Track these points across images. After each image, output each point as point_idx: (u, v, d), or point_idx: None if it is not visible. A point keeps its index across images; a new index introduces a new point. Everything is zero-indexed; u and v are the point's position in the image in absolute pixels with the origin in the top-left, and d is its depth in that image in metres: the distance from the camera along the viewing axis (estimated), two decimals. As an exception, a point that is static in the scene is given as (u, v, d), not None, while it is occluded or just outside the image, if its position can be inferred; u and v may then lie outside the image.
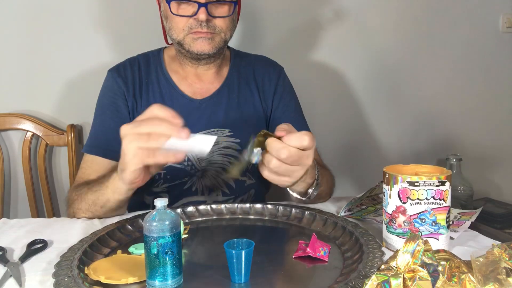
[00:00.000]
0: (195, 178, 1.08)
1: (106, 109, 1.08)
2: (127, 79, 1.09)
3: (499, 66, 1.80)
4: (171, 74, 1.11)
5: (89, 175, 1.02)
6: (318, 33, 1.63)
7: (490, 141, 1.83)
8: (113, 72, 1.10)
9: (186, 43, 1.01)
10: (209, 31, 0.98)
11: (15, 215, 1.46)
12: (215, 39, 1.01)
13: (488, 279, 0.51)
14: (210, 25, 0.98)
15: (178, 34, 1.00)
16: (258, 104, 1.14)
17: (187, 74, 1.11)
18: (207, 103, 1.10)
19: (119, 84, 1.08)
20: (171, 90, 1.09)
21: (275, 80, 1.17)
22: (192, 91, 1.10)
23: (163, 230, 0.59)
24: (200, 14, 0.96)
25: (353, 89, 1.68)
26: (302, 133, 0.74)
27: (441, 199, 0.71)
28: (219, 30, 1.00)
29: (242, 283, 0.64)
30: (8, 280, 0.67)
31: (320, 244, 0.74)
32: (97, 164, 1.03)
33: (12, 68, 1.42)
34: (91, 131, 1.09)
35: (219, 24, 1.00)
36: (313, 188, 0.90)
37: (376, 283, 0.50)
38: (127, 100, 1.07)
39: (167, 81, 1.10)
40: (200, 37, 0.99)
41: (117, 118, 1.06)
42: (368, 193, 0.90)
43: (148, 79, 1.10)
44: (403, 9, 1.68)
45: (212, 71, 1.12)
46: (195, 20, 0.97)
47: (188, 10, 0.98)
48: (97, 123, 1.09)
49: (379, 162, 1.66)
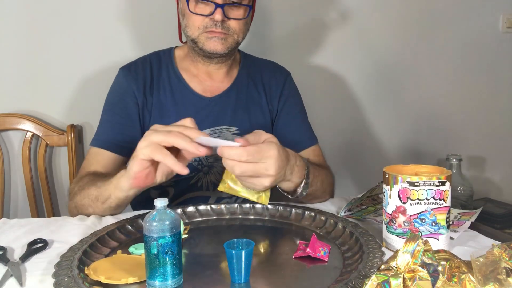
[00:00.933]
0: (201, 174, 1.10)
1: (114, 106, 1.10)
2: (138, 76, 1.10)
3: (499, 66, 1.80)
4: (182, 72, 1.13)
5: (90, 166, 1.04)
6: (319, 35, 1.63)
7: (490, 141, 1.83)
8: (124, 70, 1.12)
9: (200, 41, 1.03)
10: (223, 31, 1.01)
11: (15, 215, 1.46)
12: (228, 39, 1.03)
13: (488, 279, 0.51)
14: (224, 25, 1.00)
15: (193, 32, 1.03)
16: (264, 105, 1.17)
17: (198, 72, 1.13)
18: (217, 101, 1.12)
19: (129, 82, 1.09)
20: (181, 88, 1.11)
21: (281, 84, 1.19)
22: (203, 89, 1.12)
23: (163, 230, 0.59)
24: (216, 14, 0.98)
25: (353, 90, 1.68)
26: (232, 147, 0.77)
27: (441, 199, 0.71)
28: (232, 32, 1.02)
29: (242, 283, 0.64)
30: (9, 279, 0.68)
31: (320, 244, 0.74)
32: (101, 156, 1.05)
33: (12, 68, 1.42)
34: (98, 126, 1.10)
35: (233, 26, 1.02)
36: (301, 188, 0.92)
37: (376, 283, 0.50)
38: (137, 98, 1.09)
39: (178, 79, 1.12)
40: (214, 37, 1.01)
41: (125, 114, 1.08)
42: (368, 193, 0.90)
43: (159, 77, 1.12)
44: (404, 10, 1.68)
45: (223, 70, 1.14)
46: (211, 19, 1.00)
47: (205, 10, 1.00)
48: (104, 118, 1.10)
49: (379, 162, 1.66)
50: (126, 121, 1.08)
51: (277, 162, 0.79)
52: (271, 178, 0.80)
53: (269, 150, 0.78)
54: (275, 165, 0.79)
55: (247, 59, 1.22)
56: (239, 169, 0.77)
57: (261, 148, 0.78)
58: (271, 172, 0.79)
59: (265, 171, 0.79)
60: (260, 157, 0.77)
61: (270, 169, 0.79)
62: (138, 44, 1.46)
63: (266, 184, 0.81)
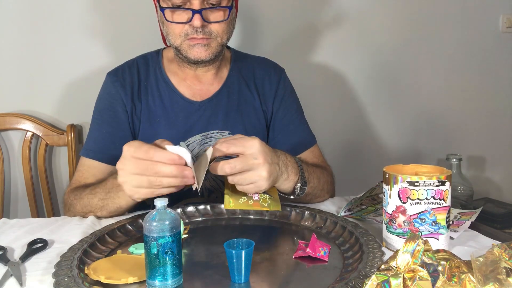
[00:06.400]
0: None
1: (103, 113, 1.08)
2: (126, 82, 1.08)
3: (499, 66, 1.80)
4: (170, 76, 1.11)
5: (86, 179, 1.03)
6: (319, 33, 1.63)
7: (490, 141, 1.83)
8: (112, 76, 1.10)
9: (183, 49, 1.00)
10: (205, 36, 0.98)
11: (15, 215, 1.46)
12: (211, 45, 1.00)
13: (488, 279, 0.51)
14: (206, 30, 0.97)
15: (175, 40, 1.00)
16: (258, 106, 1.13)
17: (186, 76, 1.11)
18: (207, 105, 1.09)
19: (117, 89, 1.07)
20: (170, 93, 1.09)
21: (275, 83, 1.15)
22: (192, 93, 1.10)
23: (163, 230, 0.59)
24: (194, 20, 0.95)
25: (353, 89, 1.68)
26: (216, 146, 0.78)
27: (441, 199, 0.71)
28: (215, 35, 0.99)
29: (242, 283, 0.64)
30: (9, 279, 0.68)
31: (320, 244, 0.74)
32: (95, 168, 1.04)
33: (12, 68, 1.42)
34: (88, 134, 1.09)
35: (215, 29, 0.99)
36: (299, 186, 0.90)
37: (376, 283, 0.50)
38: (126, 105, 1.07)
39: (166, 84, 1.10)
40: (196, 44, 0.99)
41: (114, 122, 1.06)
42: (368, 193, 0.90)
43: (147, 82, 1.10)
44: (403, 10, 1.68)
45: (211, 72, 1.11)
46: (191, 26, 0.97)
47: (182, 17, 0.98)
48: (94, 127, 1.08)
49: (379, 162, 1.66)
50: (116, 130, 1.06)
51: (262, 148, 0.78)
52: (264, 167, 0.77)
53: (250, 140, 0.78)
54: (262, 152, 0.77)
55: (238, 57, 1.18)
56: (228, 166, 0.75)
57: (241, 139, 0.78)
58: (260, 160, 0.77)
59: (254, 160, 0.76)
60: (242, 145, 0.76)
61: (258, 157, 0.77)
62: (138, 43, 1.46)
63: (264, 173, 0.77)
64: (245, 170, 0.77)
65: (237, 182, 0.79)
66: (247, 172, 0.77)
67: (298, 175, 0.90)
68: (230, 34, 1.04)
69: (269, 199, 0.83)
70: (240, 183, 0.78)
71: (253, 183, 0.78)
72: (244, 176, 0.77)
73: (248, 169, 0.77)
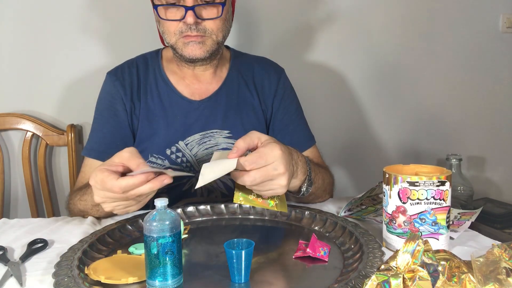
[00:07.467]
0: (194, 179, 1.07)
1: (104, 113, 1.08)
2: (125, 82, 1.08)
3: (499, 66, 1.80)
4: (169, 75, 1.11)
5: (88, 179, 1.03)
6: (318, 33, 1.63)
7: (490, 141, 1.83)
8: (112, 76, 1.10)
9: (179, 47, 1.00)
10: (199, 34, 0.97)
11: (15, 215, 1.46)
12: (206, 42, 0.99)
13: (488, 279, 0.51)
14: (200, 28, 0.97)
15: (170, 38, 1.00)
16: (257, 106, 1.13)
17: (185, 75, 1.11)
18: (206, 104, 1.09)
19: (117, 88, 1.07)
20: (169, 92, 1.09)
21: (275, 83, 1.15)
22: (191, 92, 1.10)
23: (163, 230, 0.59)
24: (188, 17, 0.95)
25: (353, 89, 1.68)
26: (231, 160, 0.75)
27: (441, 199, 0.71)
28: (209, 33, 0.99)
29: (242, 283, 0.64)
30: (9, 279, 0.68)
31: (320, 244, 0.74)
32: None
33: (12, 68, 1.42)
34: (90, 134, 1.09)
35: (210, 26, 0.98)
36: (305, 185, 0.89)
37: (376, 283, 0.50)
38: (125, 104, 1.07)
39: (165, 83, 1.10)
40: (191, 41, 0.98)
41: (115, 122, 1.07)
42: (368, 193, 0.90)
43: (146, 81, 1.10)
44: (403, 9, 1.68)
45: (210, 71, 1.11)
46: (185, 23, 0.96)
47: (176, 14, 0.97)
48: (95, 127, 1.09)
49: (379, 162, 1.66)
50: (117, 129, 1.06)
51: (283, 158, 0.76)
52: (285, 176, 0.76)
53: (272, 151, 0.75)
54: (283, 162, 0.75)
55: (237, 56, 1.17)
56: (248, 179, 0.73)
57: (262, 152, 0.75)
58: (281, 170, 0.75)
59: (274, 171, 0.75)
60: (264, 161, 0.74)
61: (279, 168, 0.75)
62: (138, 43, 1.46)
63: (283, 182, 0.76)
64: (266, 180, 0.76)
65: (256, 189, 0.78)
66: (267, 182, 0.76)
67: (306, 174, 0.89)
68: (227, 32, 1.04)
69: (277, 199, 0.83)
70: (259, 190, 0.78)
71: (271, 190, 0.78)
72: (264, 184, 0.76)
73: (269, 179, 0.76)
